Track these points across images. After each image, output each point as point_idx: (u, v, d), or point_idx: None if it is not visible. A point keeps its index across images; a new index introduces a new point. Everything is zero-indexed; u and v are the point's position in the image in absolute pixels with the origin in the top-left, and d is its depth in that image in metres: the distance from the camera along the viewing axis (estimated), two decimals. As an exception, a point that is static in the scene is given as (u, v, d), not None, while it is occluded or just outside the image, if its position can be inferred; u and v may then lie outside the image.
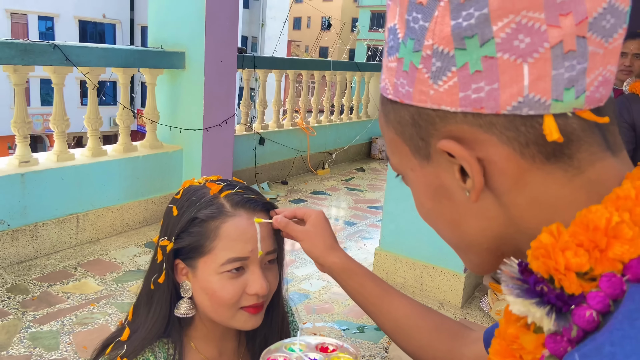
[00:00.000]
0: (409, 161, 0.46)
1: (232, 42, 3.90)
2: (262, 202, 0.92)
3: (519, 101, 0.37)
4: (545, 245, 0.37)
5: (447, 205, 0.44)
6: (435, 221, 0.47)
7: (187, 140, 3.79)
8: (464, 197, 0.43)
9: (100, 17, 21.42)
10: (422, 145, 0.43)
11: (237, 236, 0.86)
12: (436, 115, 0.41)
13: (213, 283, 0.86)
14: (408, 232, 3.01)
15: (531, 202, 0.40)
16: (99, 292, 2.73)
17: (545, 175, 0.39)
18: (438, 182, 0.44)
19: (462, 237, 0.46)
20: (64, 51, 2.93)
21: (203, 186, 0.93)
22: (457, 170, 0.42)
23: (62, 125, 3.17)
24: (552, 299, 0.36)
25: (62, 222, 3.13)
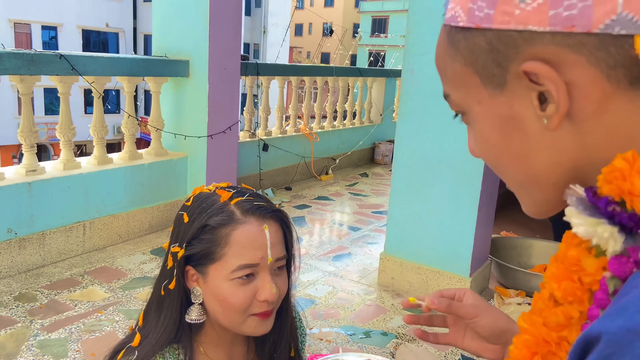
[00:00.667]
0: (477, 93, 0.44)
1: (236, 50, 3.93)
2: (272, 209, 0.93)
3: (612, 19, 0.36)
4: (620, 169, 0.37)
5: (517, 137, 0.43)
6: (501, 157, 0.46)
7: (192, 148, 3.82)
8: (537, 127, 0.41)
9: (103, 26, 21.56)
10: (497, 72, 0.42)
11: (247, 243, 0.87)
12: (520, 37, 0.39)
13: (224, 289, 0.88)
14: (413, 237, 3.02)
15: (609, 131, 0.39)
16: (106, 299, 2.74)
17: (627, 102, 0.38)
18: (510, 113, 0.42)
19: (528, 173, 0.44)
20: (70, 61, 2.96)
21: (213, 193, 0.95)
22: (535, 97, 0.40)
23: (68, 134, 3.20)
24: (623, 220, 0.36)
25: (69, 230, 3.15)
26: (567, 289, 0.40)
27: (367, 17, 34.89)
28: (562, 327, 0.41)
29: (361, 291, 3.07)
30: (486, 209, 2.91)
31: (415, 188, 2.95)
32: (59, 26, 20.57)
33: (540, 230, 4.10)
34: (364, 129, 6.49)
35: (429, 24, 2.75)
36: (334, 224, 4.30)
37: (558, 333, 0.41)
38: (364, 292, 3.06)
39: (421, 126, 2.88)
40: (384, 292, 3.06)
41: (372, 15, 34.64)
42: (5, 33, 18.74)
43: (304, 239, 3.86)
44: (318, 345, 2.48)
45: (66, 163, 3.19)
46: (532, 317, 0.44)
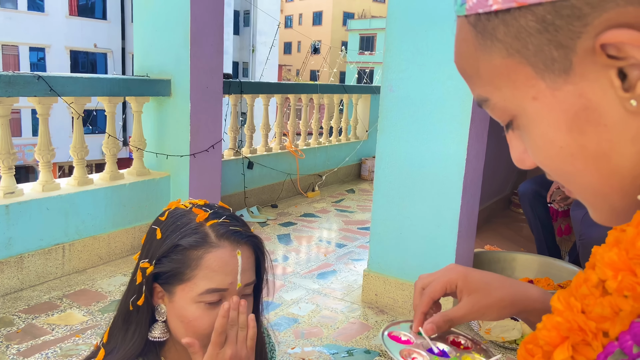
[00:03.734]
0: (531, 87, 0.37)
1: (218, 69, 3.94)
2: (247, 234, 0.92)
3: None
4: None
5: (593, 133, 0.35)
6: (571, 162, 0.38)
7: (174, 167, 3.80)
8: (620, 114, 0.34)
9: (91, 46, 21.60)
10: (558, 55, 0.34)
11: (218, 268, 0.86)
12: (585, 3, 0.32)
13: (189, 312, 0.86)
14: (395, 253, 3.00)
15: None
16: (84, 322, 2.70)
17: None
18: (581, 103, 0.35)
19: (611, 175, 0.37)
20: (48, 82, 2.95)
21: (189, 211, 0.93)
22: (615, 76, 0.33)
23: (47, 155, 3.17)
24: None
25: (48, 253, 3.11)
26: (625, 282, 0.34)
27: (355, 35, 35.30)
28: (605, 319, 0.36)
29: (345, 309, 3.04)
30: (467, 222, 2.91)
31: (397, 204, 2.95)
32: (47, 47, 20.58)
33: (524, 244, 4.11)
34: (350, 145, 6.51)
35: (407, 41, 2.78)
36: (319, 241, 4.28)
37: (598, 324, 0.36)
38: (347, 309, 3.04)
39: (401, 142, 2.89)
40: (367, 309, 3.04)
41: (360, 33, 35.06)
42: (-8, 55, 18.72)
43: (289, 257, 3.83)
44: (300, 365, 2.44)
45: (45, 184, 3.16)
46: (570, 300, 0.38)
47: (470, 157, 2.74)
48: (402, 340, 0.71)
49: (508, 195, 5.33)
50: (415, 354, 0.67)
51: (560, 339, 0.38)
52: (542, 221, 3.48)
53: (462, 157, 2.71)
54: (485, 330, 2.69)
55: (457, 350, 0.70)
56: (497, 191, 5.04)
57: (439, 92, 2.73)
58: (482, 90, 0.40)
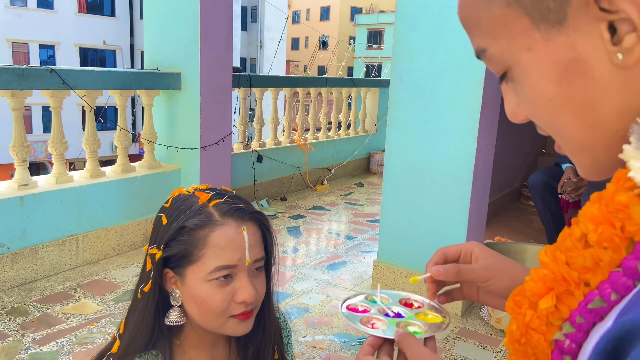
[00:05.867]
0: (526, 38, 0.38)
1: (227, 62, 3.96)
2: (250, 211, 0.93)
3: None
4: None
5: (581, 84, 0.37)
6: (559, 113, 0.39)
7: (185, 160, 3.83)
8: (607, 67, 0.35)
9: (100, 43, 21.73)
10: (554, 5, 0.36)
11: (225, 245, 0.87)
12: None
13: (201, 291, 0.88)
14: (405, 243, 3.01)
15: None
16: (98, 312, 2.74)
17: None
18: (572, 55, 0.36)
19: (595, 126, 0.38)
20: (60, 75, 2.99)
21: (192, 195, 0.95)
22: (605, 29, 0.34)
23: (60, 148, 3.21)
24: None
25: (62, 244, 3.15)
26: (604, 234, 0.36)
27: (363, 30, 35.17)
28: (586, 269, 0.38)
29: (355, 299, 3.05)
30: (477, 213, 2.92)
31: (406, 194, 2.96)
32: (56, 45, 20.72)
33: (535, 236, 4.10)
34: (359, 139, 6.51)
35: (416, 31, 2.78)
36: (329, 234, 4.30)
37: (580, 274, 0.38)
38: (357, 299, 3.05)
39: (410, 132, 2.90)
40: (378, 299, 3.05)
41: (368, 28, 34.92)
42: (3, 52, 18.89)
43: (299, 249, 3.85)
44: (311, 353, 2.46)
45: (58, 177, 3.20)
46: (556, 253, 0.40)
47: (480, 147, 2.74)
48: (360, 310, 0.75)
49: (518, 188, 5.31)
50: (374, 320, 0.71)
51: (545, 289, 0.40)
52: (553, 212, 3.47)
53: (472, 147, 2.71)
54: (496, 319, 2.70)
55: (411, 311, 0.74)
56: (507, 184, 5.03)
57: (449, 82, 2.73)
58: (480, 40, 0.41)
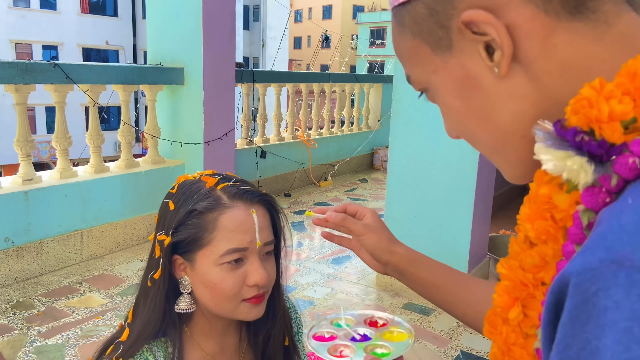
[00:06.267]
0: (431, 63, 0.44)
1: (230, 57, 3.95)
2: (258, 193, 0.92)
3: None
4: (588, 97, 0.35)
5: (476, 96, 0.43)
6: (468, 123, 0.45)
7: (189, 155, 3.83)
8: (492, 79, 0.41)
9: (103, 44, 21.77)
10: (442, 34, 0.42)
11: (235, 227, 0.86)
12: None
13: (213, 275, 0.86)
14: (410, 235, 3.00)
15: (563, 67, 0.39)
16: (103, 305, 2.74)
17: (573, 34, 0.38)
18: (464, 73, 0.42)
19: (496, 131, 0.43)
20: (64, 69, 2.99)
21: (198, 180, 0.94)
22: (482, 49, 0.40)
23: (64, 142, 3.21)
24: (592, 148, 0.35)
25: (67, 239, 3.16)
26: (540, 228, 0.39)
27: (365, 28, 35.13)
28: (538, 268, 0.40)
29: (360, 292, 3.05)
30: (482, 205, 2.90)
31: (411, 186, 2.95)
32: (59, 45, 20.77)
33: (540, 229, 4.08)
34: (362, 135, 6.50)
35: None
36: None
37: (535, 275, 0.40)
38: (363, 292, 3.05)
39: (415, 125, 2.89)
40: (383, 292, 3.04)
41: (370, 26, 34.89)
42: (6, 53, 18.95)
43: (303, 243, 3.85)
44: (316, 345, 2.46)
45: (63, 172, 3.20)
46: (510, 262, 0.42)
47: (484, 138, 2.73)
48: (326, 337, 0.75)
49: (522, 182, 5.28)
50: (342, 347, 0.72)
51: (512, 300, 0.42)
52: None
53: (476, 138, 2.70)
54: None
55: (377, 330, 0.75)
56: (511, 178, 5.00)
57: (453, 73, 2.72)
58: (406, 68, 0.48)
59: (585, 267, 0.29)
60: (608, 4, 0.38)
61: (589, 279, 0.29)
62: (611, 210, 0.32)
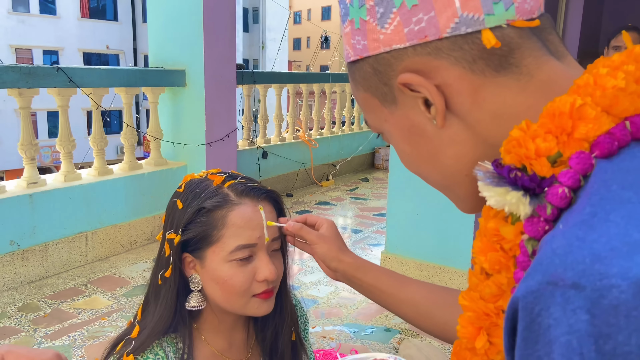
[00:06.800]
0: (381, 113, 0.49)
1: (231, 59, 3.98)
2: (265, 190, 0.94)
3: (456, 22, 0.41)
4: (517, 137, 0.39)
5: (422, 142, 0.47)
6: (418, 164, 0.50)
7: (191, 156, 3.85)
8: (433, 128, 0.45)
9: (103, 48, 21.81)
10: (386, 90, 0.46)
11: (244, 223, 0.87)
12: (390, 56, 0.44)
13: (223, 272, 0.88)
14: (413, 234, 3.02)
15: (494, 116, 0.43)
16: (109, 306, 2.76)
17: (499, 87, 0.42)
18: (409, 122, 0.47)
19: (443, 172, 0.48)
20: (67, 73, 3.01)
21: (205, 179, 0.95)
22: (421, 103, 0.45)
23: (68, 146, 3.24)
24: (525, 182, 0.38)
25: (72, 241, 3.18)
26: (492, 259, 0.42)
27: (364, 29, 35.06)
28: (496, 297, 0.43)
29: (363, 290, 3.07)
30: (484, 202, 2.92)
31: (413, 184, 2.97)
32: (60, 50, 20.83)
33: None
34: (363, 135, 6.52)
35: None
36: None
37: (494, 304, 0.43)
38: (366, 290, 3.06)
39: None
40: (386, 290, 3.06)
41: (369, 27, 34.84)
42: (6, 58, 18.99)
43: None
44: (321, 343, 2.48)
45: (67, 175, 3.22)
46: (470, 294, 0.45)
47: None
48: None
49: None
50: None
51: (475, 330, 0.44)
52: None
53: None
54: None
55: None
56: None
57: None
58: (364, 114, 0.52)
59: (528, 290, 0.32)
60: (528, 58, 0.42)
61: (532, 301, 0.31)
62: (547, 238, 0.35)
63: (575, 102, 0.37)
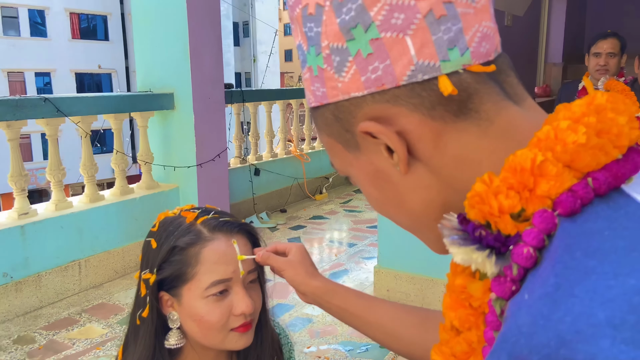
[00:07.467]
0: (346, 157, 0.48)
1: (219, 80, 4.00)
2: (238, 223, 0.95)
3: (412, 70, 0.41)
4: (479, 192, 0.39)
5: (388, 188, 0.47)
6: (386, 208, 0.49)
7: (182, 178, 3.87)
8: (398, 174, 0.45)
9: (95, 68, 21.88)
10: (349, 137, 0.46)
11: (217, 259, 0.88)
12: (350, 104, 0.44)
13: (199, 308, 0.88)
14: (405, 247, 3.03)
15: (456, 161, 0.43)
16: (104, 335, 2.76)
17: (460, 133, 0.42)
18: (373, 168, 0.46)
19: (411, 216, 0.47)
20: (54, 103, 3.03)
21: (178, 216, 0.96)
22: (384, 150, 0.44)
23: (58, 174, 3.25)
24: (490, 242, 0.38)
25: (65, 270, 3.18)
26: (462, 317, 0.42)
27: (355, 37, 35.26)
28: (467, 354, 0.43)
29: (358, 306, 3.07)
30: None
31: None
32: (52, 72, 20.89)
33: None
34: (355, 146, 6.54)
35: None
36: (330, 242, 4.32)
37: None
38: (361, 306, 3.06)
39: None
40: (381, 305, 3.06)
41: (360, 35, 35.03)
42: (-1, 83, 19.04)
43: (301, 260, 3.87)
44: (316, 363, 2.48)
45: (58, 203, 3.23)
46: (442, 349, 0.46)
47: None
48: None
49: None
50: None
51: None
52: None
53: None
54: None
55: None
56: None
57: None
58: (330, 158, 0.52)
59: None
60: (487, 104, 0.42)
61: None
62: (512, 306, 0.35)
63: (536, 158, 0.37)
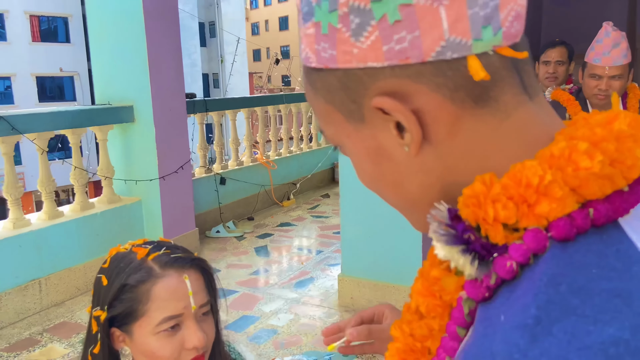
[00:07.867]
0: (344, 129, 0.44)
1: (179, 90, 3.99)
2: (190, 258, 0.97)
3: (442, 46, 0.37)
4: (477, 194, 0.37)
5: (388, 166, 0.44)
6: (378, 185, 0.46)
7: (145, 191, 3.84)
8: (403, 154, 0.42)
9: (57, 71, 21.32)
10: (354, 108, 0.42)
11: (168, 295, 0.90)
12: (364, 73, 0.40)
13: (151, 345, 0.90)
14: (367, 255, 3.09)
15: (465, 151, 0.41)
16: (65, 355, 2.73)
17: (475, 121, 0.40)
18: (376, 144, 0.43)
19: (405, 197, 0.45)
20: (9, 121, 2.98)
21: (130, 252, 0.98)
22: (393, 127, 0.41)
23: (15, 192, 3.19)
24: (477, 248, 0.37)
25: (25, 289, 3.13)
26: (430, 305, 0.43)
27: (323, 37, 35.29)
28: (425, 338, 0.45)
29: (323, 315, 3.12)
30: (432, 221, 3.01)
31: (363, 206, 3.04)
32: (12, 76, 20.27)
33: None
34: (322, 151, 6.59)
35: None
36: (297, 250, 4.35)
37: (422, 343, 0.46)
38: (325, 315, 3.11)
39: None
40: (345, 313, 3.12)
41: (327, 34, 35.07)
42: (-44, 89, 18.36)
43: (268, 269, 3.90)
44: (280, 375, 2.51)
45: (16, 222, 3.17)
46: (402, 327, 0.47)
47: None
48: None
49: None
50: None
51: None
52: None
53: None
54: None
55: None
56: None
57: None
58: (319, 123, 0.48)
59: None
60: (508, 95, 0.39)
61: None
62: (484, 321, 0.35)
63: (545, 177, 0.36)
